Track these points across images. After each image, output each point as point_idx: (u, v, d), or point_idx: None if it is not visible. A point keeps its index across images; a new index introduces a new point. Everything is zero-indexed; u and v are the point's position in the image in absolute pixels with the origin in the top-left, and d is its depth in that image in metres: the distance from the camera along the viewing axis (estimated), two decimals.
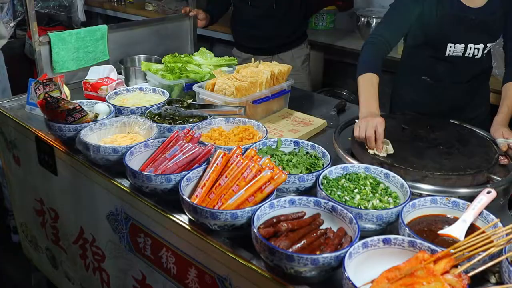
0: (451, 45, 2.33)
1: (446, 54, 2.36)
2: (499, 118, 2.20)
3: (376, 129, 1.96)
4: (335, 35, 4.55)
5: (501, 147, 2.07)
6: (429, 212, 1.62)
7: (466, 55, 2.35)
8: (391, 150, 1.98)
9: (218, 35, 4.98)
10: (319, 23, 4.70)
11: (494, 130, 2.15)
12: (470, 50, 2.34)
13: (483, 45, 2.33)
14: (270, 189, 1.57)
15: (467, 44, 2.33)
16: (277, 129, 2.33)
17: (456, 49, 2.34)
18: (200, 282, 1.70)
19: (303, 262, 1.31)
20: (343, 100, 2.79)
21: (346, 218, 1.50)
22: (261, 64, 2.58)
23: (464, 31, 2.31)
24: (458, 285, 1.24)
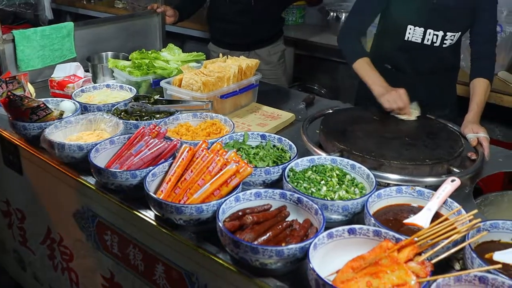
0: (411, 27, 2.37)
1: (406, 37, 2.40)
2: (469, 116, 2.23)
3: (402, 98, 2.19)
4: (305, 30, 4.56)
5: (470, 142, 2.10)
6: (395, 201, 1.63)
7: (425, 42, 2.38)
8: (418, 113, 2.26)
9: (190, 32, 4.95)
10: (289, 18, 4.70)
11: (464, 127, 2.18)
12: (429, 35, 2.36)
13: (442, 32, 2.35)
14: (235, 183, 1.57)
15: (427, 28, 2.35)
16: (245, 123, 2.32)
17: (416, 33, 2.37)
18: (167, 278, 1.69)
19: (268, 254, 1.31)
20: (312, 94, 2.79)
21: (311, 209, 1.50)
22: (229, 59, 2.57)
23: (424, 14, 2.34)
24: (421, 272, 1.24)
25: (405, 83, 2.52)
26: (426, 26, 2.36)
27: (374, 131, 2.11)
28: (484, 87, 2.30)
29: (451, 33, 2.37)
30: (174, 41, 3.04)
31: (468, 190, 1.90)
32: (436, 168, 1.87)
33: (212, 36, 3.67)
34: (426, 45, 2.41)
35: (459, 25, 2.40)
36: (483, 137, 2.09)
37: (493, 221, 1.48)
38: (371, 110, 2.34)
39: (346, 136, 2.03)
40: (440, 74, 2.54)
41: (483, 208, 2.02)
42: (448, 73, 2.59)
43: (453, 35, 2.39)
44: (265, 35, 3.48)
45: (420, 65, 2.49)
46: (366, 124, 2.17)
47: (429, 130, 2.16)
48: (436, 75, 2.53)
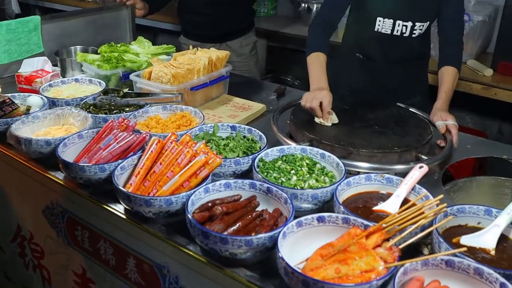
0: (380, 19, 2.38)
1: (375, 29, 2.41)
2: (438, 104, 2.25)
3: (322, 101, 2.08)
4: (277, 21, 4.56)
5: (439, 130, 2.12)
6: (364, 189, 1.65)
7: (395, 33, 2.39)
8: (335, 120, 2.12)
9: (161, 25, 4.91)
10: (260, 10, 4.70)
11: (433, 114, 2.20)
12: (398, 27, 2.37)
13: (411, 23, 2.37)
14: (205, 174, 1.56)
15: (396, 20, 2.37)
16: (216, 115, 2.31)
17: (385, 25, 2.38)
18: (139, 272, 1.67)
19: (237, 244, 1.31)
20: (283, 85, 2.80)
21: (281, 198, 1.50)
22: (199, 50, 2.56)
23: (393, 6, 2.35)
24: (389, 257, 1.26)
25: (376, 72, 2.54)
26: (395, 18, 2.38)
27: (344, 120, 2.12)
28: (452, 75, 2.32)
29: (419, 23, 2.39)
30: (145, 35, 3.00)
31: (437, 177, 1.93)
32: (405, 156, 1.89)
33: (183, 29, 3.65)
34: (395, 36, 2.42)
35: (427, 15, 2.42)
36: (452, 125, 2.11)
37: (460, 206, 1.50)
38: (342, 99, 2.35)
39: (315, 125, 2.04)
40: (410, 62, 2.56)
41: (452, 194, 2.05)
42: (418, 61, 2.61)
43: (421, 25, 2.41)
44: (236, 27, 3.47)
45: (391, 55, 2.50)
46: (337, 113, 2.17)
47: (399, 119, 2.18)
48: (407, 63, 2.55)
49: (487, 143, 2.37)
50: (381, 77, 2.55)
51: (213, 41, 3.37)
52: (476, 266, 1.24)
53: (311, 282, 1.17)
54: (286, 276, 1.23)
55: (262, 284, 1.34)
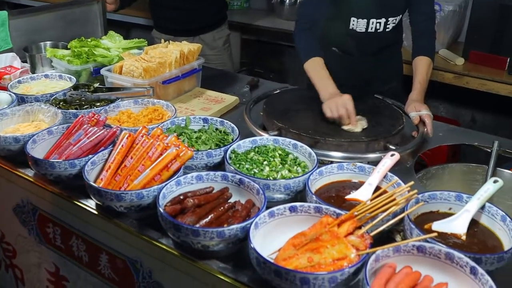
0: (354, 19, 2.37)
1: (350, 27, 2.40)
2: (413, 95, 2.25)
3: (346, 107, 2.00)
4: (250, 14, 4.55)
5: (413, 121, 2.13)
6: (337, 178, 1.65)
7: (369, 30, 2.39)
8: (365, 125, 2.03)
9: (134, 20, 4.86)
10: (234, 3, 4.68)
11: (408, 105, 2.20)
12: (372, 25, 2.37)
13: (384, 19, 2.37)
14: (176, 167, 1.55)
15: (369, 19, 2.37)
16: (188, 108, 2.29)
17: (359, 24, 2.38)
18: (112, 267, 1.66)
19: (209, 236, 1.30)
20: (256, 77, 2.79)
21: (253, 189, 1.49)
22: (170, 44, 2.53)
23: (366, 5, 2.35)
24: (361, 245, 1.26)
25: (351, 65, 2.54)
26: (368, 17, 2.37)
27: (318, 110, 2.11)
28: (426, 65, 2.33)
29: (392, 18, 2.40)
30: (118, 30, 2.97)
31: (410, 165, 1.94)
32: (373, 145, 1.89)
33: (155, 23, 3.61)
34: (370, 33, 2.42)
35: (399, 9, 2.42)
36: (426, 115, 2.11)
37: (431, 192, 1.51)
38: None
39: (287, 115, 2.04)
40: (384, 52, 2.56)
41: (425, 182, 2.06)
42: (391, 48, 2.62)
43: (394, 19, 2.41)
44: (209, 20, 3.44)
45: (366, 49, 2.50)
46: (310, 103, 2.17)
47: (373, 109, 2.19)
48: (381, 54, 2.56)
49: (459, 130, 2.40)
50: (357, 69, 2.55)
51: (186, 35, 3.34)
52: (447, 251, 1.25)
53: (283, 271, 1.17)
54: (259, 266, 1.23)
55: (235, 276, 1.33)
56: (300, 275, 1.16)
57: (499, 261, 1.28)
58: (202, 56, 2.58)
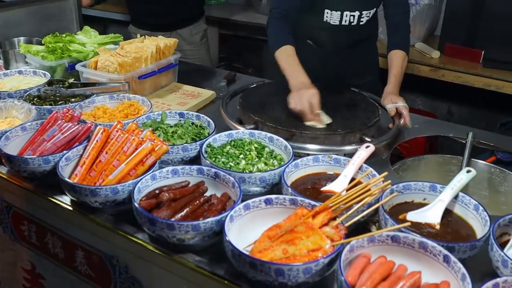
0: (328, 11, 2.37)
1: (324, 19, 2.40)
2: (388, 88, 2.26)
3: (310, 101, 1.96)
4: (228, 9, 4.54)
5: (389, 112, 2.14)
6: (313, 170, 1.66)
7: (343, 23, 2.40)
8: (328, 120, 1.99)
9: (111, 15, 4.83)
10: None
11: (384, 98, 2.22)
12: (346, 17, 2.38)
13: (358, 12, 2.37)
14: (151, 161, 1.54)
15: (343, 11, 2.37)
16: (165, 103, 2.28)
17: (333, 16, 2.38)
18: (88, 263, 1.64)
19: (184, 229, 1.30)
20: (233, 71, 2.78)
21: (229, 183, 1.49)
22: (146, 39, 2.51)
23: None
24: (335, 236, 1.27)
25: (327, 58, 2.55)
26: (342, 10, 2.37)
27: None
28: (401, 58, 2.34)
29: (366, 11, 2.40)
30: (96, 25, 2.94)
31: (385, 156, 1.96)
32: (348, 138, 1.90)
33: (132, 18, 3.59)
34: (344, 25, 2.43)
35: (374, 2, 2.43)
36: (402, 106, 2.12)
37: (406, 183, 1.53)
38: None
39: (264, 109, 2.04)
40: (359, 45, 2.58)
41: (401, 173, 2.08)
42: (367, 42, 2.63)
43: (368, 13, 2.42)
44: (186, 15, 3.43)
45: (340, 42, 2.51)
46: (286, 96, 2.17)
47: (349, 102, 2.19)
48: (356, 47, 2.57)
49: (434, 122, 2.43)
50: (332, 62, 2.56)
51: (163, 30, 3.32)
52: (420, 240, 1.26)
53: (258, 263, 1.17)
54: (234, 259, 1.23)
55: (211, 269, 1.33)
56: (274, 266, 1.16)
57: (472, 249, 1.30)
58: (179, 51, 2.57)
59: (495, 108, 3.81)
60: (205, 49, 3.59)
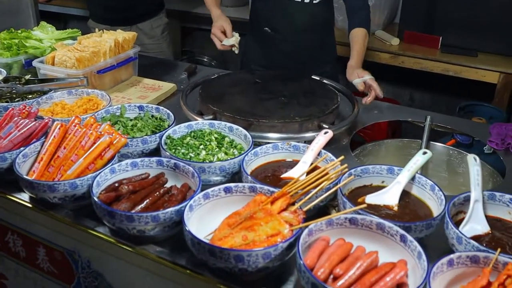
0: None
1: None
2: (352, 63, 2.29)
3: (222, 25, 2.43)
4: (189, 1, 4.49)
5: (358, 87, 2.16)
6: (273, 158, 1.67)
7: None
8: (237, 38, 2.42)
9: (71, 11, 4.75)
10: None
11: (349, 74, 2.24)
12: None
13: None
14: (110, 155, 1.53)
15: None
16: (125, 97, 2.27)
17: None
18: (50, 260, 1.63)
19: (144, 220, 1.30)
20: (194, 64, 2.78)
21: (188, 173, 1.49)
22: (104, 33, 2.48)
23: None
24: (294, 220, 1.28)
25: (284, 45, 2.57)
26: None
27: (253, 92, 2.13)
28: (362, 36, 2.38)
29: None
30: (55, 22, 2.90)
31: (346, 142, 1.98)
32: (307, 125, 1.91)
33: (91, 13, 3.53)
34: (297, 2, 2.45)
35: None
36: (370, 79, 2.15)
37: (364, 167, 1.55)
38: (254, 73, 2.36)
39: (222, 99, 2.04)
40: (315, 30, 2.60)
41: (362, 158, 2.12)
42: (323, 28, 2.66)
43: None
44: (146, 9, 3.39)
45: (295, 23, 2.52)
46: (246, 86, 2.18)
47: (308, 89, 2.21)
48: (312, 32, 2.59)
49: (394, 108, 2.47)
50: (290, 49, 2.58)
51: (123, 24, 3.28)
52: (378, 221, 1.28)
53: (217, 250, 1.18)
54: (194, 247, 1.23)
55: (172, 259, 1.33)
56: (234, 253, 1.17)
57: (428, 228, 1.33)
58: (140, 46, 2.55)
59: (454, 93, 3.89)
60: (166, 42, 3.56)
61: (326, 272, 1.15)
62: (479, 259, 1.20)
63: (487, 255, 1.19)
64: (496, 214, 1.46)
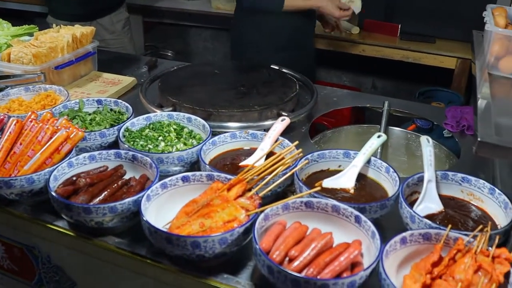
0: None
1: None
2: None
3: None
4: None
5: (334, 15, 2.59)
6: (231, 147, 1.69)
7: None
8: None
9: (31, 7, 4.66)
10: None
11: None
12: None
13: None
14: (67, 149, 1.52)
15: None
16: (84, 92, 2.25)
17: None
18: (10, 257, 1.62)
19: (101, 212, 1.30)
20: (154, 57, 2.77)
21: (146, 164, 1.50)
22: (62, 28, 2.46)
23: None
24: (250, 206, 1.30)
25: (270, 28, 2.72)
26: None
27: (212, 83, 2.14)
28: None
29: None
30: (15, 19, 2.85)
31: (305, 130, 2.01)
32: (266, 113, 1.93)
33: (50, 9, 3.48)
34: None
35: None
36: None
37: (320, 152, 1.58)
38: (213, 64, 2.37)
39: (182, 91, 2.05)
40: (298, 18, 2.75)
41: (322, 145, 2.15)
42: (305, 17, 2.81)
43: None
44: (106, 4, 3.36)
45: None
46: (206, 78, 2.19)
47: (267, 79, 2.23)
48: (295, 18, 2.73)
49: (354, 95, 2.51)
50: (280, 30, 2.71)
51: (83, 19, 3.24)
52: (333, 204, 1.31)
53: (174, 238, 1.19)
54: (151, 236, 1.24)
55: (131, 249, 1.34)
56: (190, 239, 1.18)
57: (382, 209, 1.36)
58: (101, 41, 2.54)
59: (415, 80, 3.96)
60: (128, 37, 3.54)
61: (282, 255, 1.17)
62: (431, 236, 1.24)
63: (438, 232, 1.23)
64: (449, 193, 1.50)
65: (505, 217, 1.34)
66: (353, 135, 2.22)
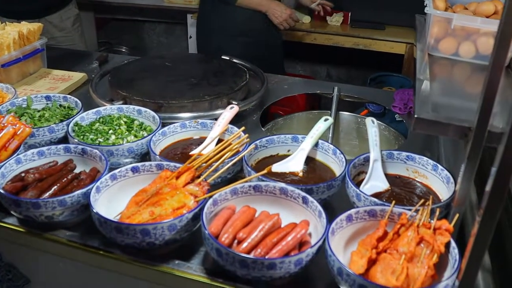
0: None
1: None
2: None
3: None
4: None
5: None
6: (182, 137, 1.70)
7: None
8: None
9: None
10: None
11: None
12: None
13: None
14: (15, 145, 1.51)
15: None
16: (33, 89, 2.22)
17: None
18: None
19: (50, 206, 1.30)
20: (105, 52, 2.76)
21: (96, 157, 1.50)
22: (7, 25, 2.42)
23: None
24: (199, 192, 1.33)
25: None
26: None
27: (163, 76, 2.15)
28: None
29: None
30: None
31: (256, 118, 2.04)
32: (216, 103, 1.95)
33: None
34: None
35: None
36: None
37: (269, 137, 1.61)
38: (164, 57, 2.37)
39: (132, 84, 2.05)
40: None
41: (275, 132, 2.18)
42: None
43: None
44: (53, 0, 3.31)
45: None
46: (157, 70, 2.20)
47: (217, 69, 2.25)
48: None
49: (305, 82, 2.55)
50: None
51: (30, 17, 3.17)
52: (281, 186, 1.35)
53: (123, 227, 1.21)
54: (101, 227, 1.25)
55: (83, 241, 1.34)
56: (139, 227, 1.20)
57: (330, 189, 1.40)
58: (51, 39, 2.51)
59: (368, 66, 4.04)
60: (78, 34, 3.49)
61: (230, 238, 1.20)
62: (376, 213, 1.28)
63: (383, 208, 1.28)
64: (395, 171, 1.55)
65: (448, 191, 1.40)
66: (304, 121, 2.26)
